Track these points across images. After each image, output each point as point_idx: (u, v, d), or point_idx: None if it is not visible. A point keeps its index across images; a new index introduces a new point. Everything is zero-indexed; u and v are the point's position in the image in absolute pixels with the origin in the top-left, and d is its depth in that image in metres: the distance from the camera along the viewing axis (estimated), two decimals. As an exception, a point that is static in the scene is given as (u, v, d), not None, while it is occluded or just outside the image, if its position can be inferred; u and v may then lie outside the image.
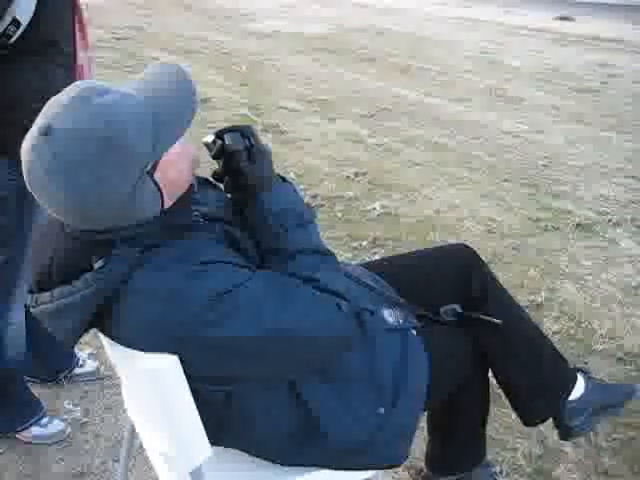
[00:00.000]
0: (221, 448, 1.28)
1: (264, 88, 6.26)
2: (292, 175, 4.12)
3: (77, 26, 1.76)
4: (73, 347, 1.19)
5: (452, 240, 3.45)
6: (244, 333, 1.08)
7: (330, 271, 1.21)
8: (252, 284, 1.10)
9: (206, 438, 1.15)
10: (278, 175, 1.28)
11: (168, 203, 1.11)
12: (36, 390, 2.14)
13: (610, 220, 3.70)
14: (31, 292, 1.17)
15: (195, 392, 1.13)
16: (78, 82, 1.06)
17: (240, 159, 1.21)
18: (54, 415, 2.09)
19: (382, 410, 1.31)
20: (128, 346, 1.09)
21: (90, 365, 2.29)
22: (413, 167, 4.53)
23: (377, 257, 3.21)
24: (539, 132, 5.30)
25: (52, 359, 2.21)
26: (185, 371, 1.09)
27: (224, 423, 1.23)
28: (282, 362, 1.18)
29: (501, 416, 2.15)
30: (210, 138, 1.23)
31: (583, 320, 2.75)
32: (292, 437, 1.28)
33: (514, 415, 2.13)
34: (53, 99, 1.04)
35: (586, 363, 2.45)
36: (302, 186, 3.98)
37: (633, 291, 3.00)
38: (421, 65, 7.64)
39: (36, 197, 1.05)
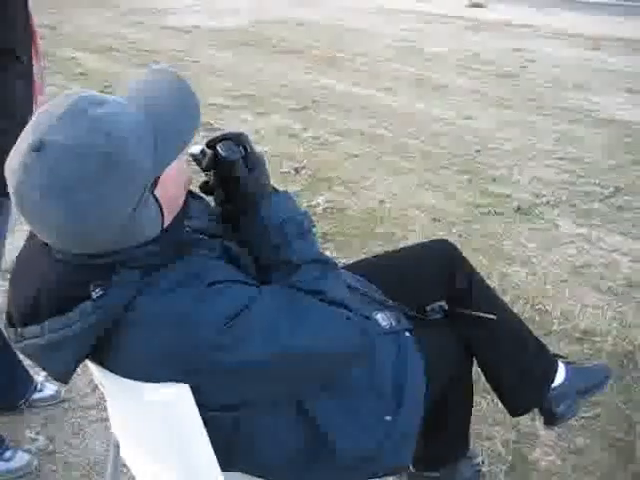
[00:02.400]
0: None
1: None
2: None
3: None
4: (67, 382, 1.09)
5: (399, 231, 3.48)
6: (261, 356, 1.03)
7: (334, 281, 1.17)
8: (262, 302, 1.05)
9: (218, 468, 1.09)
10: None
11: (167, 221, 1.04)
12: (-8, 421, 2.01)
13: (548, 202, 3.81)
14: (12, 326, 1.07)
15: (202, 419, 1.07)
16: (68, 92, 0.96)
17: (238, 169, 1.15)
18: (17, 447, 1.96)
19: (388, 418, 1.29)
20: (132, 378, 1.02)
21: (50, 389, 2.17)
22: (351, 159, 4.52)
23: (328, 253, 3.19)
24: (468, 118, 5.40)
25: (8, 386, 2.08)
26: (197, 400, 1.02)
27: (231, 447, 1.18)
28: (298, 380, 1.14)
29: (474, 406, 2.16)
30: (197, 149, 1.16)
31: (537, 303, 2.81)
32: (301, 455, 1.23)
33: (487, 404, 2.20)
34: (42, 112, 0.94)
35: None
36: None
37: (579, 271, 3.09)
38: (345, 56, 7.65)
39: (27, 221, 0.95)
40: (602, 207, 3.74)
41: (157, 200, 0.99)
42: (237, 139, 1.17)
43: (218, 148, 1.15)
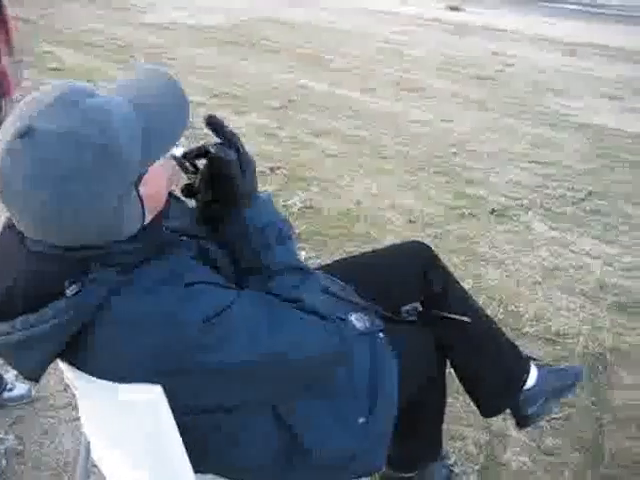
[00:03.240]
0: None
1: (167, 82, 6.03)
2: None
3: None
4: (38, 381, 1.07)
5: (375, 231, 3.49)
6: (244, 356, 1.02)
7: (312, 290, 1.17)
8: (241, 304, 1.04)
9: (192, 472, 1.08)
10: None
11: (147, 219, 1.02)
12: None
13: (522, 205, 3.84)
14: None
15: (179, 422, 1.06)
16: (57, 82, 0.95)
17: (233, 169, 1.14)
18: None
19: (362, 419, 1.29)
20: (107, 378, 1.00)
21: (21, 388, 2.13)
22: (328, 159, 4.52)
23: (304, 253, 3.19)
24: (446, 120, 5.43)
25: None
26: (174, 402, 1.01)
27: (206, 450, 1.17)
28: (280, 382, 1.13)
29: (447, 406, 2.17)
30: (179, 151, 1.15)
31: (510, 304, 2.83)
32: (277, 457, 1.23)
33: (459, 405, 2.22)
34: (29, 99, 0.92)
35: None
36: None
37: (551, 273, 3.12)
38: (325, 56, 7.65)
39: (7, 207, 0.92)
40: (575, 211, 3.79)
41: (140, 197, 0.98)
42: (230, 140, 1.16)
43: (212, 148, 1.15)
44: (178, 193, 1.25)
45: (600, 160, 4.62)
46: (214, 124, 1.16)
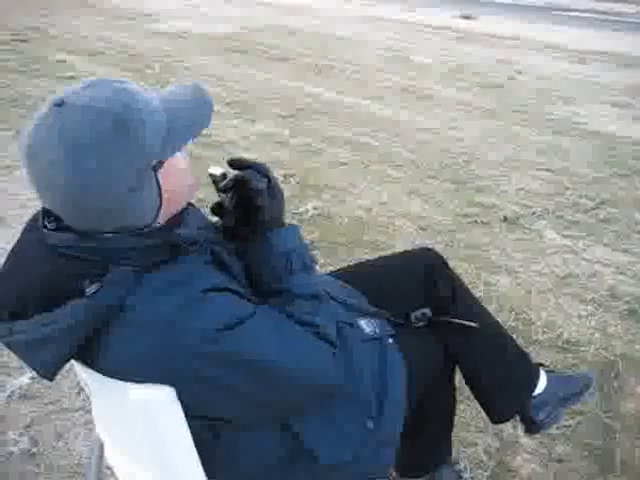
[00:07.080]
0: None
1: (178, 90, 6.08)
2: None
3: None
4: (52, 380, 1.09)
5: (385, 239, 3.50)
6: (242, 373, 1.04)
7: (328, 319, 1.19)
8: (255, 321, 1.05)
9: (202, 472, 1.09)
10: None
11: (165, 214, 1.06)
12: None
13: (534, 213, 3.84)
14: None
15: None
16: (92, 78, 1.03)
17: (262, 198, 1.18)
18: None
19: (370, 423, 1.30)
20: (115, 377, 1.02)
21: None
22: (339, 167, 4.54)
23: (315, 260, 3.20)
24: (454, 128, 5.44)
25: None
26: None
27: (211, 458, 1.17)
28: (273, 405, 1.14)
29: (457, 413, 2.18)
30: (218, 170, 1.20)
31: (521, 312, 2.83)
32: (280, 463, 1.24)
33: (470, 411, 2.22)
34: (66, 88, 1.00)
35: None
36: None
37: (563, 281, 3.12)
38: (333, 64, 7.69)
39: (31, 180, 0.97)
40: (587, 219, 3.78)
41: (159, 184, 1.01)
42: (261, 169, 1.21)
43: (245, 175, 1.19)
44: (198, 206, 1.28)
45: (610, 168, 4.62)
46: (240, 164, 1.22)
